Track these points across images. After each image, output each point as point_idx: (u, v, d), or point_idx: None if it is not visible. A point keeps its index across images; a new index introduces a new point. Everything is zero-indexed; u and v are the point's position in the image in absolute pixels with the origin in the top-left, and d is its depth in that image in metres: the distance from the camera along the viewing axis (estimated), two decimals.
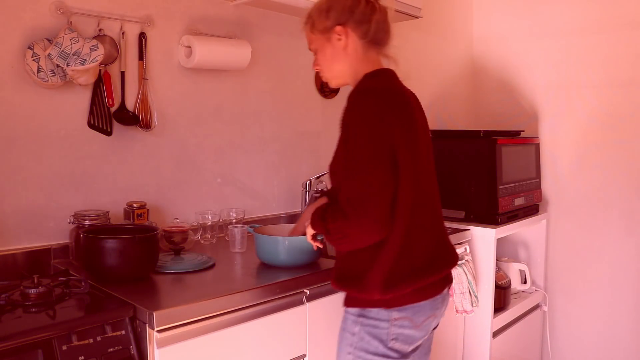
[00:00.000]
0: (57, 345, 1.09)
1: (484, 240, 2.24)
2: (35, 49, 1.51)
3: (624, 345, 2.59)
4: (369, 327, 1.31)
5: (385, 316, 1.30)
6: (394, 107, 1.28)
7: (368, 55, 1.38)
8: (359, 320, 1.32)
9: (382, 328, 1.30)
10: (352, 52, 1.37)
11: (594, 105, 2.63)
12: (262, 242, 1.59)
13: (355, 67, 1.38)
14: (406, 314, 1.31)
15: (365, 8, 1.35)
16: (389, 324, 1.30)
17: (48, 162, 1.60)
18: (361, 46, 1.37)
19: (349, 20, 1.35)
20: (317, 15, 1.39)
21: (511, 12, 2.89)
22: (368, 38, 1.36)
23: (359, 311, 1.33)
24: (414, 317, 1.32)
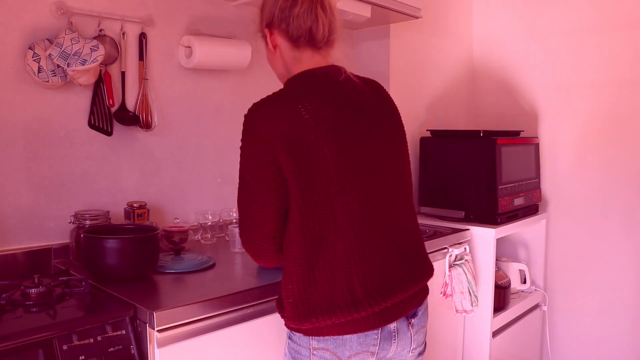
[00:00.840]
0: (58, 345, 1.10)
1: (483, 240, 2.24)
2: (36, 50, 1.51)
3: (623, 344, 2.59)
4: (293, 351, 1.21)
5: (306, 343, 1.18)
6: (283, 119, 1.10)
7: (297, 55, 1.23)
8: (288, 341, 1.24)
9: (304, 355, 1.18)
10: (283, 54, 1.24)
11: (593, 105, 2.63)
12: None
13: (290, 69, 1.25)
14: (326, 345, 1.16)
15: (284, 3, 1.19)
16: (309, 352, 1.17)
17: (48, 162, 1.60)
18: (288, 47, 1.23)
19: (273, 20, 1.22)
20: (256, 17, 1.30)
21: (511, 12, 2.89)
22: (291, 36, 1.21)
23: (288, 333, 1.23)
24: (336, 350, 1.16)
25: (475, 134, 2.38)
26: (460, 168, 2.35)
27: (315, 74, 1.21)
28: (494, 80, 2.98)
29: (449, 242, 2.11)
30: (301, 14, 1.18)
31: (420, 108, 2.72)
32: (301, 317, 1.14)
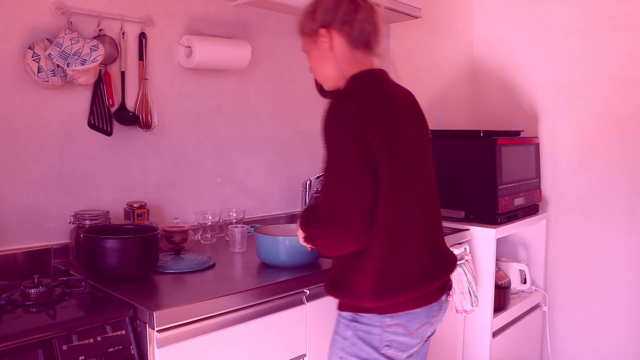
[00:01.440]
0: (58, 345, 1.10)
1: (483, 240, 2.24)
2: (36, 49, 1.51)
3: (623, 344, 2.59)
4: (361, 332, 1.28)
5: (378, 322, 1.27)
6: (370, 109, 1.23)
7: (355, 56, 1.34)
8: (352, 324, 1.29)
9: (375, 334, 1.27)
10: (338, 54, 1.34)
11: (594, 105, 2.63)
12: (263, 242, 1.59)
13: (343, 69, 1.35)
14: (399, 320, 1.27)
15: (348, 8, 1.31)
16: (382, 330, 1.27)
17: (48, 162, 1.60)
18: (347, 48, 1.33)
19: (332, 22, 1.32)
20: (303, 18, 1.37)
21: (511, 12, 2.89)
22: (353, 39, 1.33)
23: (352, 315, 1.29)
24: (407, 325, 1.29)
25: (475, 134, 2.38)
26: (460, 168, 2.35)
27: (374, 74, 1.35)
28: (494, 80, 2.98)
29: (449, 242, 2.11)
30: (364, 20, 1.32)
31: None
32: (382, 294, 1.24)
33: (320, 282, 1.54)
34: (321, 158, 2.55)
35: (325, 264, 1.63)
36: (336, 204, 1.18)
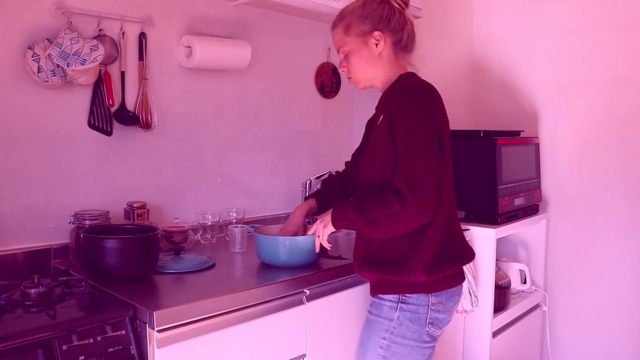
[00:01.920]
0: (58, 345, 1.10)
1: (483, 240, 2.24)
2: (36, 49, 1.51)
3: (623, 345, 2.59)
4: (409, 312, 1.38)
5: (425, 301, 1.38)
6: (437, 99, 1.39)
7: (398, 61, 1.48)
8: (398, 306, 1.38)
9: (422, 313, 1.38)
10: (385, 57, 1.46)
11: (594, 105, 2.63)
12: (263, 242, 1.59)
13: (387, 71, 1.47)
14: (441, 299, 1.40)
15: (399, 18, 1.46)
16: (428, 308, 1.39)
17: (48, 162, 1.60)
18: (393, 52, 1.47)
19: (385, 28, 1.44)
20: (355, 18, 1.45)
21: (511, 12, 2.89)
22: (400, 45, 1.47)
23: (398, 297, 1.39)
24: (446, 303, 1.42)
25: (475, 134, 2.38)
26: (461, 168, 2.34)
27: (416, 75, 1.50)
28: (494, 80, 2.98)
29: None
30: (410, 31, 1.49)
31: None
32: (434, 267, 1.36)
33: (320, 282, 1.54)
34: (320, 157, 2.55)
35: (326, 264, 1.63)
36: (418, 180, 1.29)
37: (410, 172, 1.30)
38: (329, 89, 2.44)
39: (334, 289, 1.59)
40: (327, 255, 1.70)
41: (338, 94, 2.49)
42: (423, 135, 1.32)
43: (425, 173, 1.30)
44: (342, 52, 1.49)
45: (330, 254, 1.70)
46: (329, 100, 2.45)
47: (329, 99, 2.46)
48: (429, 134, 1.33)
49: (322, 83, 2.41)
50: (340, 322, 1.61)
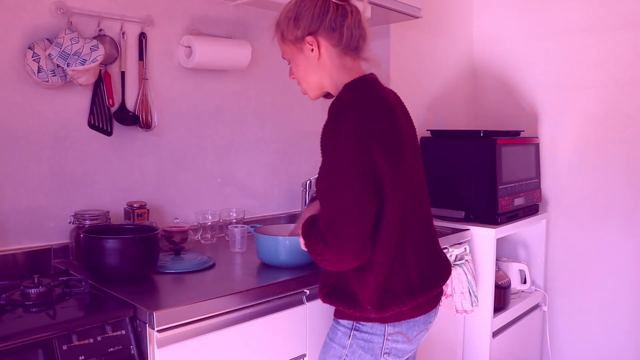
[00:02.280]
0: (58, 345, 1.10)
1: (483, 240, 2.24)
2: (36, 49, 1.51)
3: (623, 344, 2.59)
4: (362, 340, 1.28)
5: (380, 331, 1.27)
6: (372, 121, 1.20)
7: (344, 62, 1.30)
8: (352, 333, 1.29)
9: (376, 342, 1.27)
10: (327, 62, 1.30)
11: (594, 105, 2.63)
12: (263, 242, 1.59)
13: (333, 76, 1.31)
14: (401, 329, 1.28)
15: (335, 14, 1.26)
16: (383, 338, 1.27)
17: (48, 162, 1.60)
18: (336, 54, 1.29)
19: (319, 29, 1.26)
20: (285, 24, 1.30)
21: (511, 12, 2.89)
22: (342, 45, 1.28)
23: (353, 324, 1.29)
24: (407, 332, 1.30)
25: (475, 134, 2.38)
26: (460, 168, 2.35)
27: (369, 80, 1.31)
28: (494, 80, 2.98)
29: (449, 242, 2.11)
30: (352, 25, 1.27)
31: (420, 108, 2.72)
32: (386, 305, 1.23)
33: None
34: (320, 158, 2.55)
35: None
36: (338, 223, 1.15)
37: (331, 212, 1.17)
38: None
39: None
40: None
41: None
42: (346, 171, 1.16)
43: (349, 215, 1.15)
44: (286, 59, 1.36)
45: None
46: (329, 100, 2.45)
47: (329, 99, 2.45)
48: (352, 170, 1.16)
49: None
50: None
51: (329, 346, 1.33)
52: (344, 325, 1.30)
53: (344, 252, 1.16)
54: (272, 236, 1.58)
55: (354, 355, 1.28)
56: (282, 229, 1.71)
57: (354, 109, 1.20)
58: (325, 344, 1.36)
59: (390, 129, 1.23)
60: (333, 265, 1.21)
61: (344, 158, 1.17)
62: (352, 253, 1.17)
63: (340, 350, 1.30)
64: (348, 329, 1.29)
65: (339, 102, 1.24)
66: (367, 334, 1.27)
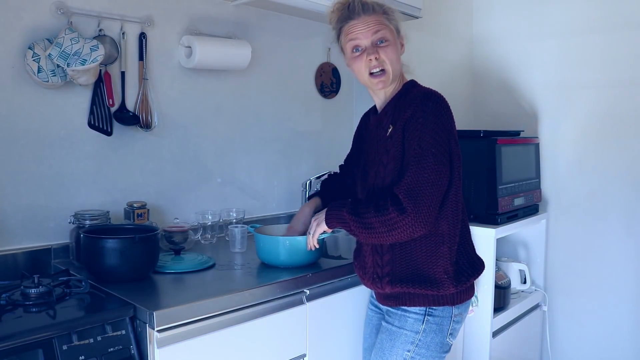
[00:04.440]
0: (58, 345, 1.10)
1: (483, 240, 2.23)
2: (36, 49, 1.51)
3: (623, 344, 2.59)
4: (435, 325, 1.40)
5: (449, 313, 1.41)
6: (449, 110, 1.40)
7: None
8: (425, 318, 1.40)
9: (445, 325, 1.41)
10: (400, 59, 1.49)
11: (593, 105, 2.63)
12: (263, 242, 1.59)
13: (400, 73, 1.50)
14: (461, 309, 1.44)
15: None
16: (450, 320, 1.42)
17: (48, 162, 1.60)
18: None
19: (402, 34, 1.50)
20: (395, 12, 1.48)
21: (511, 12, 2.89)
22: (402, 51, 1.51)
23: (425, 309, 1.40)
24: (463, 313, 1.46)
25: (475, 134, 2.38)
26: None
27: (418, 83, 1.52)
28: (494, 80, 2.98)
29: None
30: None
31: None
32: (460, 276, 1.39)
33: (320, 282, 1.54)
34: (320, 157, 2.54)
35: (326, 264, 1.63)
36: (420, 191, 1.30)
37: (414, 183, 1.30)
38: (329, 89, 2.44)
39: (334, 289, 1.59)
40: (327, 255, 1.70)
41: (338, 94, 2.49)
42: (434, 149, 1.32)
43: (429, 187, 1.30)
44: (381, 38, 1.41)
45: (330, 253, 1.70)
46: (329, 100, 2.45)
47: (329, 99, 2.46)
48: (440, 148, 1.33)
49: (322, 83, 2.41)
50: (340, 322, 1.61)
51: (398, 333, 1.42)
52: (415, 312, 1.41)
53: (420, 218, 1.29)
54: (272, 236, 1.59)
55: (427, 339, 1.41)
56: (282, 229, 1.71)
57: (436, 97, 1.39)
58: (390, 332, 1.43)
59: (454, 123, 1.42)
60: (399, 234, 1.31)
61: (432, 140, 1.33)
62: (427, 220, 1.30)
63: (413, 336, 1.40)
64: (421, 315, 1.41)
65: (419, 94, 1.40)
66: (439, 317, 1.41)
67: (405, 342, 1.41)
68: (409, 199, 1.29)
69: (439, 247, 1.37)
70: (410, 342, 1.40)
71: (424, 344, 1.40)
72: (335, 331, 1.59)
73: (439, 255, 1.38)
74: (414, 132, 1.34)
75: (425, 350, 1.40)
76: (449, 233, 1.38)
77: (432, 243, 1.37)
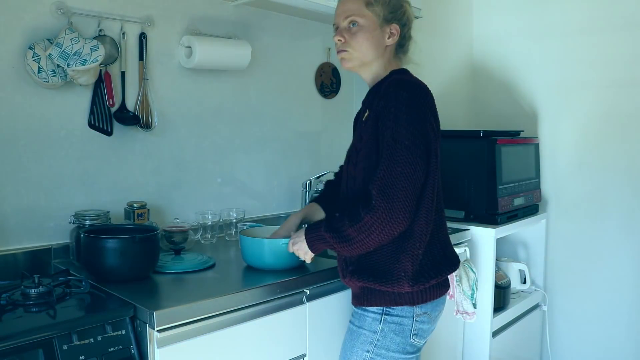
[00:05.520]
0: (58, 345, 1.10)
1: (483, 240, 2.24)
2: (36, 50, 1.51)
3: (623, 344, 2.59)
4: (393, 324, 1.36)
5: (410, 313, 1.36)
6: (427, 99, 1.35)
7: (394, 58, 1.47)
8: (382, 318, 1.36)
9: (406, 325, 1.36)
10: (388, 51, 1.44)
11: (593, 105, 2.63)
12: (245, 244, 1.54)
13: (383, 64, 1.44)
14: (426, 309, 1.38)
15: (410, 20, 1.47)
16: (413, 320, 1.36)
17: (49, 162, 1.60)
18: (394, 49, 1.46)
19: (404, 28, 1.45)
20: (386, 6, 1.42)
21: (511, 12, 2.89)
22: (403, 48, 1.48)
23: (382, 309, 1.36)
24: (431, 312, 1.40)
25: (475, 134, 2.38)
26: (460, 168, 2.35)
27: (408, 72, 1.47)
28: (494, 80, 2.98)
29: None
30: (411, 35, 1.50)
31: None
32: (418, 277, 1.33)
33: (320, 282, 1.54)
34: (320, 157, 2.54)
35: (326, 264, 1.63)
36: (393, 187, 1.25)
37: (387, 178, 1.26)
38: (329, 89, 2.44)
39: (334, 289, 1.59)
40: (327, 255, 1.70)
41: (338, 94, 2.49)
42: (408, 141, 1.27)
43: (403, 181, 1.25)
44: (352, 21, 1.40)
45: (330, 254, 1.70)
46: (329, 100, 2.45)
47: (329, 99, 2.46)
48: (414, 140, 1.28)
49: (322, 83, 2.41)
50: (340, 322, 1.61)
51: (358, 333, 1.39)
52: (372, 312, 1.37)
53: (394, 213, 1.24)
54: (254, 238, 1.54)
55: (386, 339, 1.36)
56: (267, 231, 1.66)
57: (412, 85, 1.35)
58: (351, 332, 1.40)
59: (435, 111, 1.39)
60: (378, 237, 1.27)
61: (405, 130, 1.28)
62: (401, 214, 1.25)
63: (371, 336, 1.36)
64: (378, 314, 1.36)
65: (394, 82, 1.36)
66: (398, 317, 1.36)
67: (364, 342, 1.37)
68: (381, 195, 1.25)
69: (403, 243, 1.32)
70: (369, 342, 1.36)
71: (382, 345, 1.36)
72: (335, 331, 1.59)
73: (401, 251, 1.32)
74: (387, 123, 1.29)
75: (385, 350, 1.36)
76: (418, 230, 1.32)
77: (397, 238, 1.31)
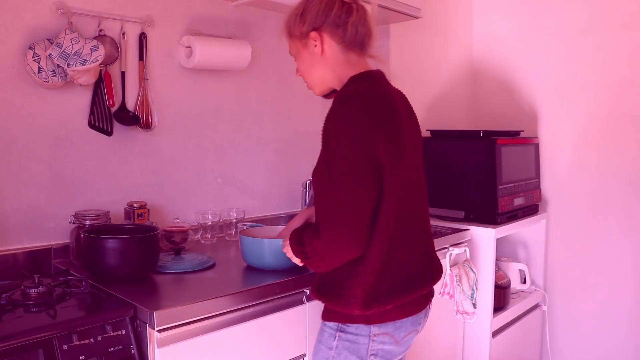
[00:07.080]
0: (58, 345, 1.10)
1: (483, 240, 2.24)
2: (36, 50, 1.51)
3: (623, 344, 2.59)
4: (347, 342, 1.28)
5: (365, 332, 1.26)
6: (376, 113, 1.21)
7: (349, 58, 1.32)
8: (337, 334, 1.29)
9: (362, 343, 1.27)
10: (330, 57, 1.32)
11: (593, 105, 2.63)
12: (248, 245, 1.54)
13: (338, 72, 1.33)
14: (387, 330, 1.27)
15: (340, 10, 1.29)
16: (369, 339, 1.27)
17: (49, 162, 1.60)
18: (340, 50, 1.31)
19: (324, 24, 1.29)
20: (292, 20, 1.33)
21: (511, 12, 2.89)
22: (346, 41, 1.30)
23: (338, 325, 1.29)
24: (394, 333, 1.29)
25: (475, 134, 2.38)
26: (460, 168, 2.35)
27: (373, 75, 1.32)
28: (494, 81, 2.98)
29: (449, 242, 2.11)
30: (357, 22, 1.30)
31: (420, 108, 2.72)
32: (370, 302, 1.22)
33: None
34: None
35: None
36: (335, 213, 1.16)
37: (327, 204, 1.17)
38: None
39: None
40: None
41: None
42: (345, 162, 1.16)
43: (346, 204, 1.15)
44: (292, 55, 1.38)
45: None
46: (329, 100, 2.45)
47: (329, 99, 2.45)
48: (352, 159, 1.16)
49: None
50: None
51: (318, 348, 1.34)
52: (329, 327, 1.31)
53: (336, 244, 1.16)
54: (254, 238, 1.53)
55: (340, 357, 1.28)
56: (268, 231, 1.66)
57: (357, 100, 1.21)
58: (315, 345, 1.36)
59: (390, 125, 1.23)
60: (328, 263, 1.21)
61: (344, 147, 1.17)
62: (344, 244, 1.16)
63: (327, 352, 1.30)
64: (334, 330, 1.30)
65: (343, 93, 1.26)
66: (353, 335, 1.27)
67: (322, 358, 1.31)
68: (325, 223, 1.16)
69: (355, 266, 1.22)
70: (325, 358, 1.30)
71: None
72: None
73: (352, 275, 1.23)
74: (323, 146, 1.21)
75: None
76: (370, 256, 1.21)
77: (351, 262, 1.22)
